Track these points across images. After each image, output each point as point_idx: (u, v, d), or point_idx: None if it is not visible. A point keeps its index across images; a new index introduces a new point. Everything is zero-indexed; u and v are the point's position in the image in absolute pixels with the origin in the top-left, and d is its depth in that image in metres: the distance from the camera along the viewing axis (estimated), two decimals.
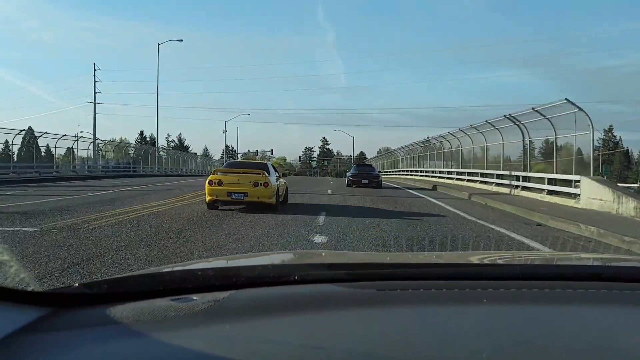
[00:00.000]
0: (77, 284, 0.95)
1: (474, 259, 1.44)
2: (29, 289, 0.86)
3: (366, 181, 18.26)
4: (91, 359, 0.70)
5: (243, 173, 9.56)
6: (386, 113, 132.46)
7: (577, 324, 0.85)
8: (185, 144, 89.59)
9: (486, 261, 1.42)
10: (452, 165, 22.91)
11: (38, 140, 29.20)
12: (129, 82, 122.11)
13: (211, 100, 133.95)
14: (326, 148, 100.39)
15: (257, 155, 61.24)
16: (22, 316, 0.79)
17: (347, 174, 20.81)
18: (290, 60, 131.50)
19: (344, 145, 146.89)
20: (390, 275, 1.10)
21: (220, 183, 9.18)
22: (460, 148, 21.25)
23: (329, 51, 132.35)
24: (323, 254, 1.93)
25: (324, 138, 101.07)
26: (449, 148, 23.37)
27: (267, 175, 9.44)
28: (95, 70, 40.87)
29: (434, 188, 19.54)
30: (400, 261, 1.37)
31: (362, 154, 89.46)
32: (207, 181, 9.37)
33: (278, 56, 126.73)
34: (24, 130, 27.18)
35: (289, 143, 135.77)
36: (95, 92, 40.87)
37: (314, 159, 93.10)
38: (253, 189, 9.12)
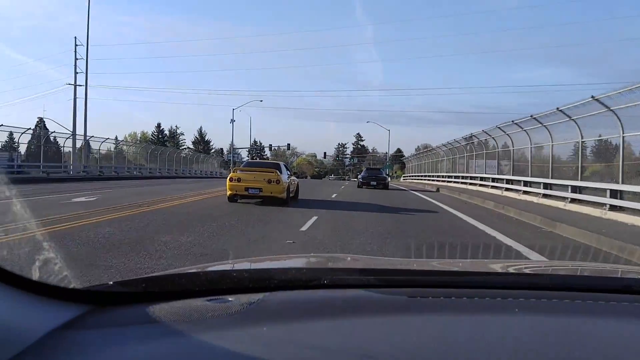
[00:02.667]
0: (111, 282, 1.03)
1: (503, 267, 1.48)
2: (70, 286, 0.95)
3: (374, 183, 23.50)
4: (132, 357, 0.77)
5: (259, 171, 11.91)
6: (424, 111, 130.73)
7: (609, 337, 0.88)
8: (206, 139, 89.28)
9: (514, 270, 1.46)
10: (503, 167, 20.16)
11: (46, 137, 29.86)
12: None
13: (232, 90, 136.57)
14: (360, 144, 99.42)
15: (271, 149, 60.83)
16: (64, 313, 0.88)
17: (359, 176, 26.43)
18: (326, 56, 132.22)
19: (379, 142, 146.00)
20: (421, 282, 1.15)
21: (239, 180, 11.60)
22: (512, 148, 18.70)
23: (367, 48, 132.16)
24: (348, 258, 2.00)
25: (357, 134, 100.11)
26: (494, 147, 20.73)
27: (279, 173, 11.82)
28: (76, 45, 33.70)
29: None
30: (430, 268, 1.42)
31: (398, 150, 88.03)
32: (228, 178, 11.93)
33: (314, 52, 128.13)
34: (30, 128, 27.56)
35: (321, 139, 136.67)
36: (76, 72, 33.71)
37: (347, 155, 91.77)
38: (267, 185, 11.41)
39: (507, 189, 17.66)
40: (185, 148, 76.55)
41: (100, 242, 5.72)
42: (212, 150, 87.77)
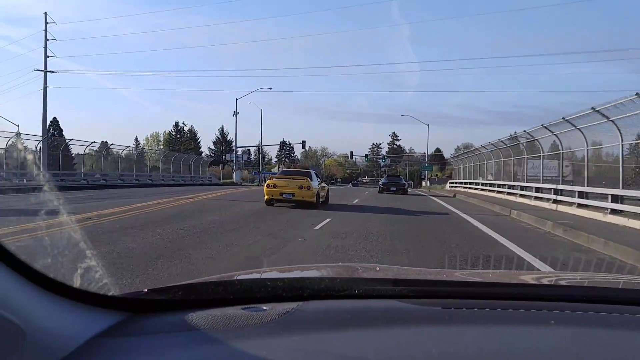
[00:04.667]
0: (146, 290, 1.10)
1: (535, 278, 1.51)
2: (110, 293, 1.01)
3: (394, 188, 27.30)
4: None
5: (291, 179, 14.42)
6: (463, 110, 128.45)
7: None
8: (228, 138, 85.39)
9: (547, 282, 1.49)
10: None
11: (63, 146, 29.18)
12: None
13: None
14: (396, 144, 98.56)
15: (304, 146, 59.37)
16: (103, 320, 0.95)
17: (379, 182, 30.48)
18: (362, 55, 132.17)
19: (416, 142, 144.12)
20: (454, 293, 1.19)
21: (274, 186, 14.03)
22: (572, 150, 15.63)
23: (403, 47, 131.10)
24: (377, 268, 2.04)
25: (393, 133, 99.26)
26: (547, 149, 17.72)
27: (309, 180, 14.28)
28: (46, 23, 28.84)
29: None
30: (462, 279, 1.46)
31: (437, 150, 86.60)
32: (265, 185, 14.69)
33: (349, 52, 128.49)
34: (42, 137, 26.28)
35: (354, 140, 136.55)
36: (46, 56, 28.95)
37: (381, 155, 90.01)
38: (299, 190, 13.77)
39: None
40: (191, 151, 70.59)
41: None
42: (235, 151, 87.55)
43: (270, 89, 53.01)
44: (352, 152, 65.38)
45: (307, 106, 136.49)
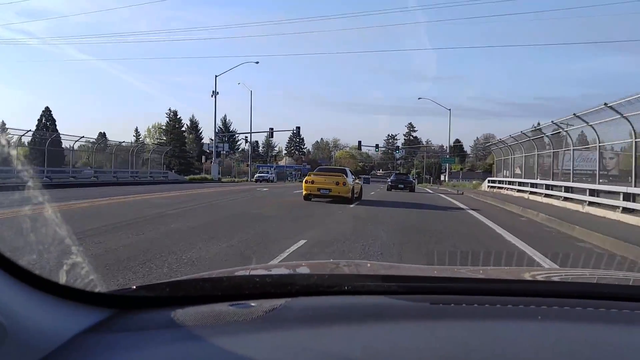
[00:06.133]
0: (135, 287, 1.13)
1: (525, 274, 1.54)
2: (96, 290, 1.05)
3: (402, 186, 29.11)
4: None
5: (328, 175, 16.09)
6: (481, 102, 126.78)
7: (633, 345, 0.92)
8: (231, 129, 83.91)
9: (537, 278, 1.52)
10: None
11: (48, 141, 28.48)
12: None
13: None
14: (413, 136, 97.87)
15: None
16: (90, 316, 0.98)
17: (387, 180, 32.48)
18: (378, 47, 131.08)
19: (434, 134, 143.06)
20: (443, 289, 1.22)
21: (312, 182, 15.73)
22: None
23: (419, 38, 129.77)
24: (369, 264, 2.09)
25: (409, 124, 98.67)
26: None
27: (345, 177, 15.86)
28: None
29: None
30: (452, 275, 1.49)
31: (457, 141, 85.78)
32: (303, 181, 16.48)
33: (364, 43, 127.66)
34: (30, 130, 26.39)
35: (369, 132, 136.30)
36: None
37: (395, 147, 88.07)
38: (335, 186, 15.39)
39: None
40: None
41: None
42: (239, 142, 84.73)
43: (257, 62, 49.49)
44: (360, 142, 59.48)
45: (322, 99, 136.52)
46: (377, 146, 63.48)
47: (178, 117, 73.08)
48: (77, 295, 0.99)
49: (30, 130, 28.52)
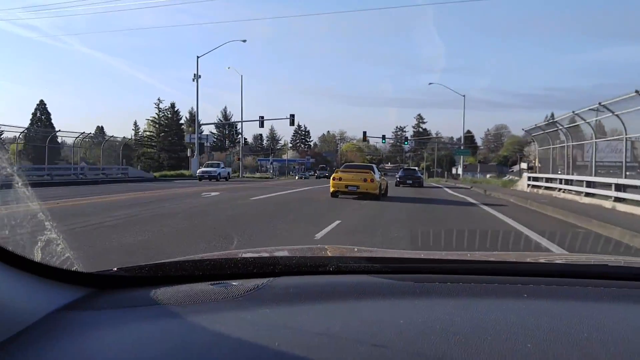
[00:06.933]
0: (115, 269, 1.13)
1: (514, 256, 1.56)
2: (73, 268, 1.05)
3: (410, 181, 29.09)
4: (133, 337, 0.85)
5: (356, 172, 16.19)
6: (491, 94, 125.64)
7: (616, 321, 0.93)
8: (231, 120, 79.51)
9: (527, 259, 1.53)
10: None
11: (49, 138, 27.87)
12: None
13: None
14: (422, 128, 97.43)
15: (298, 125, 54.49)
16: (66, 294, 0.98)
17: (396, 176, 32.21)
18: (386, 38, 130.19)
19: (444, 126, 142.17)
20: (428, 269, 1.22)
21: (340, 179, 15.77)
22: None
23: (428, 29, 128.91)
24: (356, 249, 2.10)
25: (419, 115, 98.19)
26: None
27: (373, 174, 15.99)
28: None
29: None
30: (438, 257, 1.48)
31: (468, 132, 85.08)
32: (331, 177, 16.44)
33: (373, 34, 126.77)
34: (25, 128, 26.14)
35: (378, 125, 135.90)
36: None
37: (403, 138, 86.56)
38: (363, 183, 15.37)
39: None
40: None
41: None
42: (239, 136, 79.92)
43: (244, 41, 42.55)
44: (365, 132, 52.77)
45: (330, 92, 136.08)
46: (383, 137, 57.34)
47: (176, 109, 68.97)
48: (53, 274, 0.99)
49: None
